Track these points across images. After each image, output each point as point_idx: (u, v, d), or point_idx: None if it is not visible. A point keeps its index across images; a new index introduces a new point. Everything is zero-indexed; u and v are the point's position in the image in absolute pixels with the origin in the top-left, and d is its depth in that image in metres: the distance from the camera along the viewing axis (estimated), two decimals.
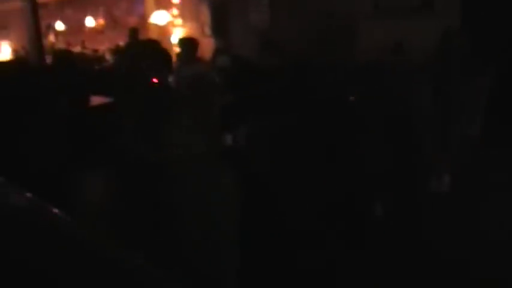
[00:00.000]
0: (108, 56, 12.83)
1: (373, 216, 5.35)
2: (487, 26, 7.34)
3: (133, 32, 10.12)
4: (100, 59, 12.61)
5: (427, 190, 5.79)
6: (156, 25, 13.52)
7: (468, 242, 4.90)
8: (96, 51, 13.06)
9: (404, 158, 5.58)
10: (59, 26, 13.35)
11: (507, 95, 7.11)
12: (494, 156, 6.80)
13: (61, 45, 13.54)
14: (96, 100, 6.76)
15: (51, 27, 13.46)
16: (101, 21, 13.98)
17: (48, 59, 10.26)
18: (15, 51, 13.48)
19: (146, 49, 5.42)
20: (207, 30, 12.15)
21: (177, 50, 9.57)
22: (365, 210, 5.32)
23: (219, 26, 11.59)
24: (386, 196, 5.42)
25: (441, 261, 4.60)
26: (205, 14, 12.12)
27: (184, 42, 6.38)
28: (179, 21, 13.14)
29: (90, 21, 13.52)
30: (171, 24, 13.34)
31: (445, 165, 5.97)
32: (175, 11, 13.07)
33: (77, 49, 13.01)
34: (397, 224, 5.25)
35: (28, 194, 2.27)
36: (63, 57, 7.10)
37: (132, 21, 13.51)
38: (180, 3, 12.97)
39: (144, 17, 13.74)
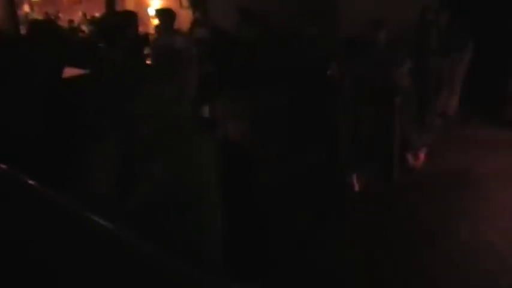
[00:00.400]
0: (84, 27, 12.62)
1: (350, 189, 5.39)
2: (467, 2, 7.34)
3: (110, 3, 9.95)
4: (76, 30, 12.40)
5: (404, 166, 5.82)
6: None
7: (441, 219, 4.96)
8: (71, 21, 12.84)
9: (383, 132, 5.61)
10: None
11: (484, 71, 7.15)
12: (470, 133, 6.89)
13: (36, 15, 13.27)
14: (71, 72, 6.64)
15: None
16: None
17: (23, 30, 10.05)
18: None
19: (123, 20, 5.33)
20: (185, 1, 12.00)
21: (154, 21, 9.45)
22: (343, 182, 5.35)
23: None
24: (362, 169, 5.45)
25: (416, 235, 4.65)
26: None
27: (162, 13, 6.28)
28: None
29: None
30: None
31: (422, 140, 6.01)
32: None
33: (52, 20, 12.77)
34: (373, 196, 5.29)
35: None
36: (38, 27, 6.95)
37: None
38: None
39: None
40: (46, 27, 6.68)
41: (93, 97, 4.46)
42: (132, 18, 5.07)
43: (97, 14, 12.52)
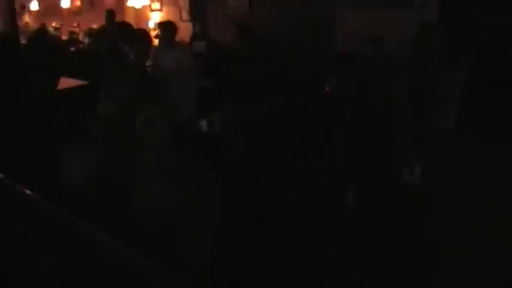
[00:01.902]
0: (84, 38, 12.64)
1: (345, 206, 5.38)
2: (464, 21, 7.39)
3: (110, 15, 9.95)
4: (75, 41, 12.41)
5: (399, 181, 5.82)
6: (133, 8, 13.37)
7: (438, 232, 4.96)
8: (72, 33, 12.86)
9: (378, 148, 5.61)
10: (34, 6, 13.08)
11: (481, 90, 7.17)
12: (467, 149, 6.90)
13: (36, 26, 13.30)
14: (70, 83, 6.67)
15: (26, 7, 13.20)
16: (77, 2, 13.77)
17: (23, 40, 10.06)
18: None
19: (122, 32, 5.36)
20: (185, 15, 12.05)
21: (153, 34, 9.49)
22: (338, 200, 5.34)
23: (197, 11, 11.50)
24: (358, 186, 5.45)
25: (413, 250, 4.65)
26: None
27: (163, 26, 6.32)
28: (157, 5, 13.01)
29: (65, 3, 13.27)
30: (148, 8, 13.20)
31: (418, 157, 6.02)
32: None
33: (52, 31, 12.79)
34: (369, 213, 5.29)
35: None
36: (38, 38, 7.00)
37: (109, 3, 13.31)
38: None
39: (121, 0, 13.58)
40: (44, 39, 6.74)
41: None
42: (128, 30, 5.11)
43: (95, 25, 12.54)
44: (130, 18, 12.90)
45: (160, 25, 6.43)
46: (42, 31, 8.95)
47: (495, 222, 5.04)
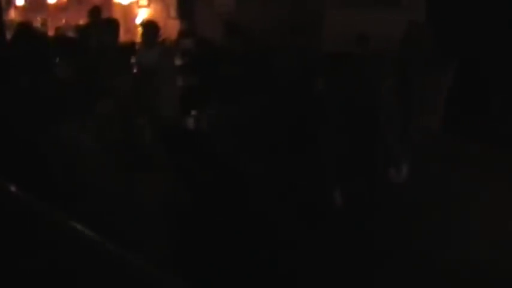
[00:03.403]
0: (71, 34, 12.54)
1: (332, 204, 5.38)
2: (452, 21, 7.41)
3: (95, 11, 9.86)
4: (62, 37, 12.32)
5: (386, 180, 5.82)
6: (120, 4, 13.27)
7: (425, 231, 4.97)
8: (58, 28, 12.74)
9: (365, 147, 5.62)
10: (20, 1, 12.97)
11: (468, 89, 7.20)
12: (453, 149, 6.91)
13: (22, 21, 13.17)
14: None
15: (11, 2, 13.08)
16: None
17: (9, 36, 9.96)
18: None
19: (107, 29, 5.34)
20: (172, 11, 11.98)
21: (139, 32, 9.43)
22: (325, 198, 5.34)
23: (185, 8, 11.44)
24: (345, 185, 5.45)
25: (397, 250, 4.66)
26: None
27: (144, 25, 6.28)
28: (144, 1, 12.93)
29: None
30: (135, 5, 13.11)
31: (405, 155, 6.03)
32: None
33: (38, 26, 12.68)
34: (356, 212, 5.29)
35: None
36: (24, 33, 6.92)
37: None
38: None
39: None
40: (29, 34, 6.68)
41: None
42: (112, 26, 5.08)
43: (81, 21, 12.45)
44: (117, 15, 12.82)
45: (142, 24, 6.41)
46: (26, 25, 8.83)
47: (476, 222, 5.06)
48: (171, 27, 10.66)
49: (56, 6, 13.44)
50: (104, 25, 6.67)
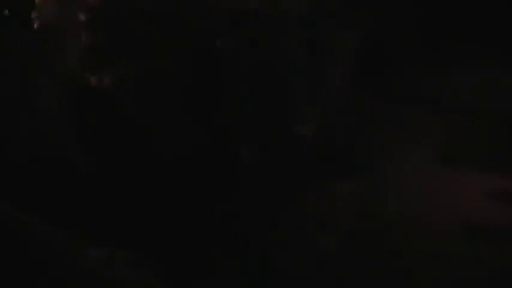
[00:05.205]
0: None
1: (241, 161, 5.44)
2: None
3: None
4: None
5: (295, 136, 5.93)
6: None
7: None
8: None
9: (274, 102, 5.69)
10: None
11: (378, 50, 7.38)
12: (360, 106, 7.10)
13: None
14: None
15: None
16: None
17: None
18: None
19: None
20: None
21: None
22: (233, 155, 5.39)
23: None
24: (254, 141, 5.51)
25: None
26: None
27: None
28: None
29: None
30: None
31: (313, 112, 6.15)
32: None
33: None
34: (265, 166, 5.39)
35: None
36: None
37: None
38: None
39: None
40: None
41: None
42: None
43: None
44: None
45: None
46: None
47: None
48: None
49: None
50: None
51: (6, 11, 5.38)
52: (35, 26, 5.45)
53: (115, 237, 3.50)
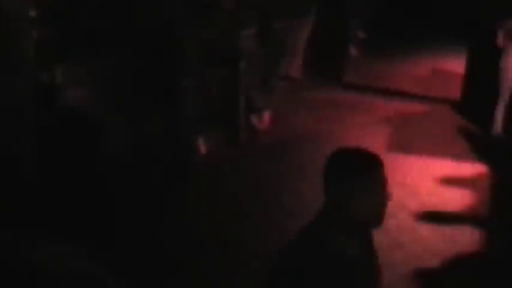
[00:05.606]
0: None
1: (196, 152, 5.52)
2: None
3: None
4: None
5: (248, 125, 6.02)
6: None
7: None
8: None
9: (226, 95, 5.77)
10: None
11: (326, 35, 7.48)
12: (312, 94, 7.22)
13: None
14: None
15: None
16: None
17: None
18: None
19: None
20: None
21: None
22: (189, 146, 5.46)
23: None
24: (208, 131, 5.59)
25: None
26: None
27: None
28: None
29: None
30: None
31: (267, 102, 6.25)
32: None
33: None
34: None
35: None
36: None
37: None
38: None
39: None
40: None
41: None
42: None
43: None
44: None
45: None
46: None
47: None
48: None
49: None
50: None
51: None
52: None
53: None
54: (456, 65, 7.11)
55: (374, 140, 5.63)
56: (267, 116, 6.21)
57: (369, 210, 1.96)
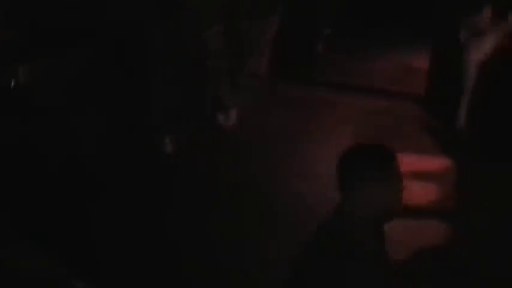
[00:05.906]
0: None
1: (163, 151, 5.50)
2: None
3: None
4: None
5: (215, 124, 6.01)
6: None
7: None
8: None
9: (195, 93, 5.76)
10: None
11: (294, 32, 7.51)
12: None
13: None
14: None
15: None
16: None
17: None
18: None
19: None
20: None
21: None
22: (155, 144, 5.44)
23: None
24: (175, 130, 5.57)
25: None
26: None
27: None
28: None
29: None
30: None
31: (233, 100, 6.25)
32: None
33: None
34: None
35: None
36: None
37: None
38: None
39: None
40: None
41: None
42: None
43: None
44: None
45: None
46: None
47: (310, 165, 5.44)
48: None
49: None
50: None
51: None
52: None
53: None
54: (423, 61, 7.17)
55: (338, 136, 5.68)
56: (234, 114, 6.20)
57: (386, 203, 1.98)
